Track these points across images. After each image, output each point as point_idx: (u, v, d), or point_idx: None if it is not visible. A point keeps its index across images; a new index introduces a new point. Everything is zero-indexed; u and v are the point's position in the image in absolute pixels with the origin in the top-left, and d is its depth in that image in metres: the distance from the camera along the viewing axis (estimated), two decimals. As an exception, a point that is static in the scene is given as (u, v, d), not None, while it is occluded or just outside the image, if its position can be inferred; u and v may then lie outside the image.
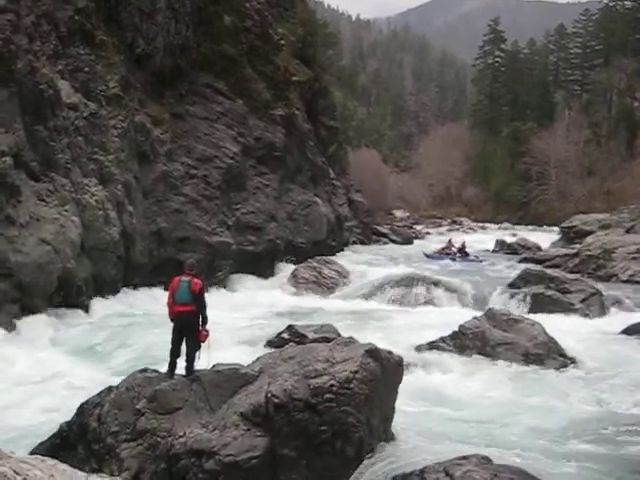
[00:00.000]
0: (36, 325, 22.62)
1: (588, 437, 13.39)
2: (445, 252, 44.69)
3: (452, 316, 25.11)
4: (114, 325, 24.23)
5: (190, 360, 12.60)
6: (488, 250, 53.34)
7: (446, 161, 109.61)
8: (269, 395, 11.43)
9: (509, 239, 56.99)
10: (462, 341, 19.88)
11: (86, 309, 25.91)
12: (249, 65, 40.05)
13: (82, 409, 12.35)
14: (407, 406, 13.81)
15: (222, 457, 10.85)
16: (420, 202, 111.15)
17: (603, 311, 26.56)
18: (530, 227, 78.37)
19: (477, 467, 9.74)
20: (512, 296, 28.47)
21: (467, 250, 45.39)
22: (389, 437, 12.44)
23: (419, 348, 20.16)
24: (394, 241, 63.37)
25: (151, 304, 26.89)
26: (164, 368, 12.81)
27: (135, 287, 29.79)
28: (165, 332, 13.42)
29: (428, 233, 74.76)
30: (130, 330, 23.26)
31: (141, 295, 29.40)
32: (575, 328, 23.64)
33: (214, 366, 12.79)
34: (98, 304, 26.76)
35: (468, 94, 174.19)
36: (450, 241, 46.83)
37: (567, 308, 26.33)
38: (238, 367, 12.77)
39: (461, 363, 18.91)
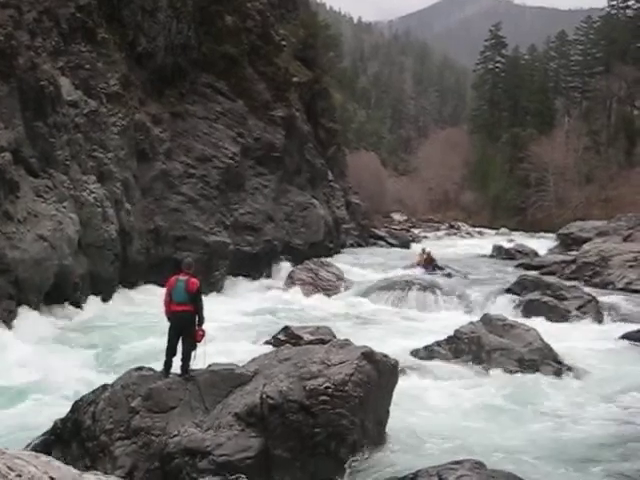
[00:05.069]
0: (31, 321, 22.59)
1: (580, 443, 13.39)
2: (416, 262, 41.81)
3: (448, 320, 25.12)
4: (110, 323, 24.24)
5: (186, 359, 12.62)
6: (485, 255, 53.27)
7: (445, 165, 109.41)
8: (264, 396, 11.45)
9: (506, 245, 56.75)
10: (458, 346, 19.87)
11: (82, 306, 25.91)
12: (250, 65, 40.03)
13: (76, 406, 12.35)
14: (401, 410, 13.80)
15: (216, 457, 10.86)
16: (418, 206, 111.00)
17: (599, 318, 26.51)
18: (527, 233, 78.18)
19: (470, 472, 9.75)
20: (508, 301, 28.47)
21: (438, 263, 39.64)
22: (383, 440, 12.46)
23: (414, 352, 20.15)
24: (391, 244, 63.23)
25: (147, 302, 26.89)
26: (159, 367, 12.82)
27: (131, 285, 29.79)
28: (161, 331, 13.42)
29: (425, 237, 74.64)
30: (126, 328, 23.25)
31: (137, 293, 29.40)
32: (570, 335, 23.62)
33: (210, 366, 12.81)
34: (94, 301, 26.78)
35: (468, 99, 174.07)
36: (423, 250, 41.97)
37: (563, 315, 26.31)
38: (234, 367, 12.80)
39: (456, 368, 18.91)
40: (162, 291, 13.49)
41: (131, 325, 23.75)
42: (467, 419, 14.60)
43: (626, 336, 22.95)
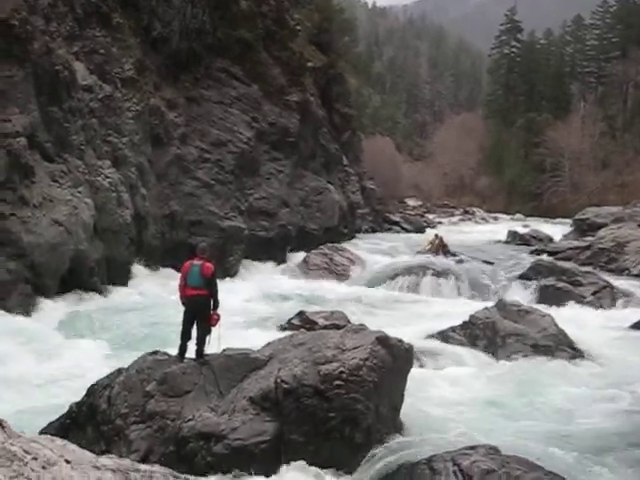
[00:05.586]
0: (47, 306, 22.70)
1: (595, 430, 13.39)
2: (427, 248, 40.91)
3: (462, 306, 25.13)
4: (125, 307, 24.28)
5: (201, 344, 12.64)
6: (500, 241, 53.12)
7: (460, 150, 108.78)
8: (279, 380, 11.47)
9: (521, 230, 56.54)
10: (472, 331, 19.84)
11: (97, 291, 25.95)
12: (265, 50, 39.98)
13: (92, 390, 12.38)
14: (416, 395, 13.78)
15: (230, 441, 10.90)
16: (433, 191, 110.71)
17: (614, 304, 26.45)
18: (542, 219, 77.73)
19: (485, 457, 9.75)
20: (523, 287, 28.43)
21: (449, 249, 38.40)
22: (398, 426, 12.45)
23: (429, 337, 20.13)
24: (406, 229, 63.16)
25: (162, 287, 26.96)
26: (174, 351, 12.85)
27: (147, 269, 29.83)
28: (176, 315, 13.45)
29: (440, 222, 74.48)
30: (141, 312, 23.32)
31: (152, 278, 29.43)
32: (585, 321, 23.58)
33: (224, 350, 12.82)
34: (109, 286, 26.82)
35: (483, 84, 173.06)
36: (436, 236, 40.62)
37: (578, 300, 26.27)
38: (248, 352, 12.81)
39: (471, 353, 18.89)
40: (177, 275, 13.52)
41: (146, 309, 23.80)
42: (481, 405, 14.60)
43: (641, 322, 22.89)
